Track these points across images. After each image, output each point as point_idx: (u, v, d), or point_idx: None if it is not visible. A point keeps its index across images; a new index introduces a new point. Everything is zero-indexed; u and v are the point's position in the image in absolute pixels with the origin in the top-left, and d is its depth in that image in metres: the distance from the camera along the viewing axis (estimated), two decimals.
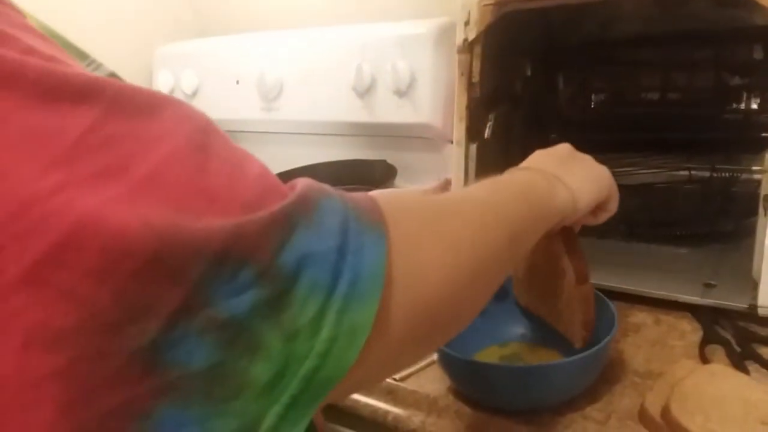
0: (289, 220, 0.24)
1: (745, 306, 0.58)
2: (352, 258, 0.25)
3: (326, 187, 0.28)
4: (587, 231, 0.79)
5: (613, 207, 0.52)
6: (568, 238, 0.52)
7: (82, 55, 0.32)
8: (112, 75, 0.30)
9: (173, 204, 0.22)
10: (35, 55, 0.22)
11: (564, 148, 0.50)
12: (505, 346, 0.59)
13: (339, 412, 0.60)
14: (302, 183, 0.27)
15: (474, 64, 0.74)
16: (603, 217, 0.52)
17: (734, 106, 0.83)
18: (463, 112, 0.75)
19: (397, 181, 0.98)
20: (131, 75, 1.34)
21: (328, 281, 0.24)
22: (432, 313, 0.30)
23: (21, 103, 0.21)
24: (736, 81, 0.83)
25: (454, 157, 0.76)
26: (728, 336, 0.57)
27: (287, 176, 1.08)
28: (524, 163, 0.48)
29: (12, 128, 0.20)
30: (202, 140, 0.25)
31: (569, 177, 0.45)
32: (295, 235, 0.24)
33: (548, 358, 0.57)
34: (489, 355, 0.58)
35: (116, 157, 0.21)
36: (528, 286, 0.59)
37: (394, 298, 0.27)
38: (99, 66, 0.33)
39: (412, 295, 0.28)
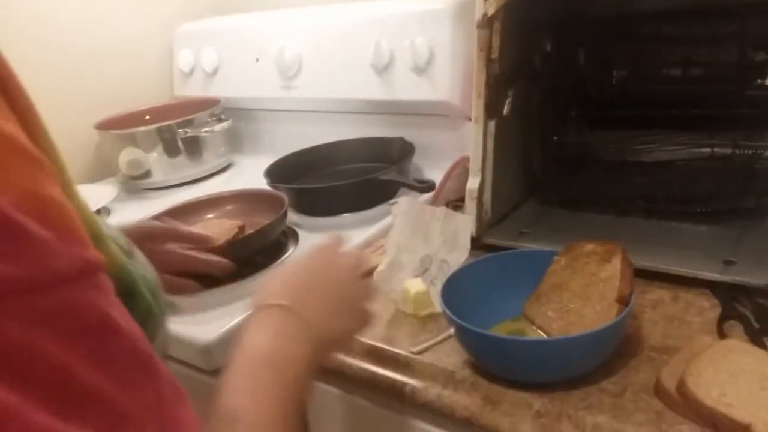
0: None
1: (765, 283, 0.58)
2: None
3: None
4: (607, 208, 0.79)
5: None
6: (626, 265, 0.55)
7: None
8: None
9: None
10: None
11: (342, 285, 0.49)
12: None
13: (357, 384, 0.61)
14: None
15: (493, 39, 0.74)
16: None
17: (758, 82, 0.82)
18: (482, 89, 0.75)
19: (416, 158, 0.98)
20: (153, 53, 1.35)
21: None
22: None
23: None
24: (761, 57, 0.81)
25: (472, 134, 0.75)
26: (747, 312, 0.57)
27: (308, 155, 1.08)
28: (268, 295, 0.46)
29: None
30: None
31: (312, 312, 0.45)
32: None
33: None
34: (505, 328, 0.58)
35: None
36: (545, 302, 0.58)
37: None
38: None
39: None
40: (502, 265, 0.62)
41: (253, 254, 0.80)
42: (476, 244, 0.71)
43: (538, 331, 0.57)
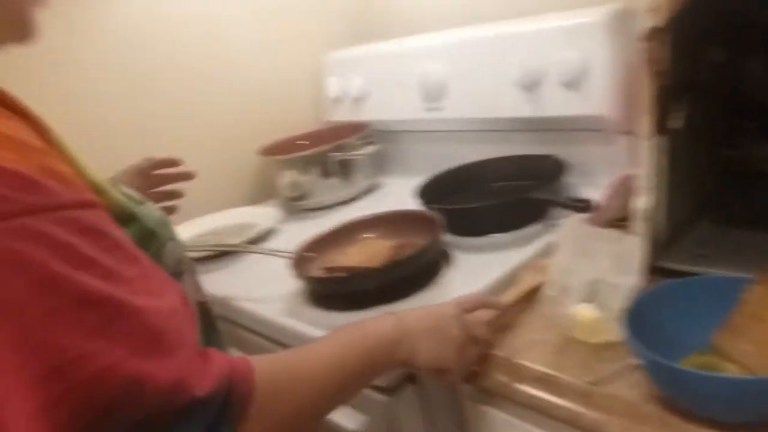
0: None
1: None
2: None
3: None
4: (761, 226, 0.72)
5: (451, 378, 0.62)
6: None
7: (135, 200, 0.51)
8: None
9: None
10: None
11: (444, 314, 0.62)
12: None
13: (530, 413, 0.60)
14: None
15: (660, 51, 0.70)
16: (444, 379, 0.63)
17: None
18: (649, 104, 0.71)
19: (569, 176, 0.96)
20: (303, 81, 1.43)
21: None
22: None
23: None
24: None
25: (642, 151, 0.72)
26: None
27: (458, 174, 1.08)
28: (403, 315, 0.60)
29: None
30: None
31: (420, 342, 0.58)
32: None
33: None
34: (693, 362, 0.55)
35: None
36: (740, 334, 0.54)
37: None
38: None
39: None
40: (686, 293, 0.58)
41: (410, 274, 0.82)
42: (649, 268, 0.67)
43: (734, 366, 0.52)
